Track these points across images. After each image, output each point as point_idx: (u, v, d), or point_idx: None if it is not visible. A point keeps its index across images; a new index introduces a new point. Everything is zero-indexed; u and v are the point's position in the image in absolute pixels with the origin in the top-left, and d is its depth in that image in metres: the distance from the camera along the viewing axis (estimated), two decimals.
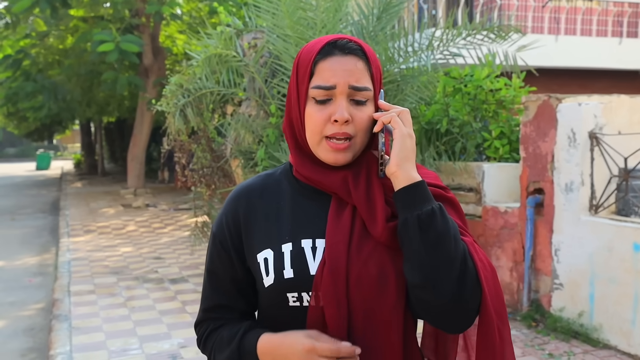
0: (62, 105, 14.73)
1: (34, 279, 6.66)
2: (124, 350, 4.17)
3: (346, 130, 1.05)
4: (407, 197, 1.02)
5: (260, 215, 1.15)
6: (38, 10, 11.59)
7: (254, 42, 5.60)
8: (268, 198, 1.16)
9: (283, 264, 1.08)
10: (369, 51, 1.09)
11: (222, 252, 1.17)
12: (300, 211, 1.12)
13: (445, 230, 1.01)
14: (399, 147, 1.03)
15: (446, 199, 1.13)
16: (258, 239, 1.13)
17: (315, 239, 1.08)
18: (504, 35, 5.43)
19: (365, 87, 1.06)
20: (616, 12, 11.35)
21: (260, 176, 1.21)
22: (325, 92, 1.05)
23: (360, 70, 1.06)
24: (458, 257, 1.00)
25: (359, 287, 1.04)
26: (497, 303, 1.04)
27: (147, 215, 11.00)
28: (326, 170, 1.10)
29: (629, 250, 3.83)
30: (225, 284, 1.18)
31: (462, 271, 1.00)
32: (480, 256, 1.05)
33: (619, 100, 4.33)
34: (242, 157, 5.59)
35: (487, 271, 1.04)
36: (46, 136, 31.23)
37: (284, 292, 1.07)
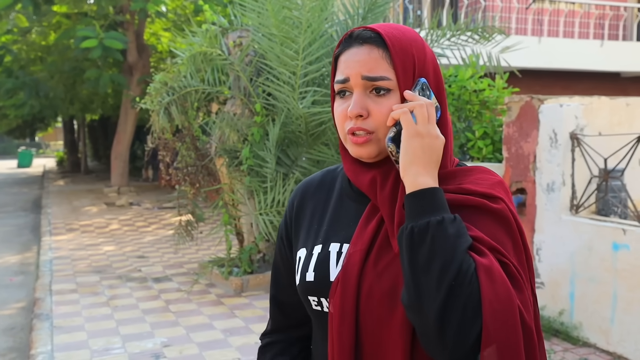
0: (44, 102, 14.57)
1: (15, 278, 6.59)
2: (107, 350, 4.14)
3: (362, 125, 0.98)
4: (409, 206, 0.92)
5: (308, 211, 1.12)
6: (20, 6, 11.46)
7: (239, 40, 5.59)
8: (319, 194, 1.13)
9: (308, 266, 1.05)
10: (391, 37, 0.98)
11: (281, 244, 1.17)
12: (340, 212, 1.07)
13: (439, 249, 0.87)
14: (404, 149, 0.94)
15: (489, 210, 0.96)
16: (301, 236, 1.11)
17: (343, 244, 1.03)
18: (487, 37, 5.49)
19: (381, 76, 0.96)
20: (598, 14, 11.50)
21: (323, 170, 1.17)
22: (342, 85, 1.00)
23: (375, 58, 0.97)
24: (446, 282, 0.86)
25: (369, 300, 0.97)
26: (505, 345, 0.85)
27: (131, 214, 10.93)
28: (358, 168, 1.03)
29: (609, 249, 3.89)
30: (284, 279, 1.18)
31: (451, 300, 0.85)
32: (497, 286, 0.86)
33: (599, 102, 4.39)
34: (226, 155, 5.58)
35: (498, 304, 0.85)
36: (28, 133, 30.92)
37: (306, 294, 1.05)
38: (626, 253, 3.77)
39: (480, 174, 1.02)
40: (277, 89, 5.22)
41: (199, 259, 6.94)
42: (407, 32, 1.00)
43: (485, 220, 0.95)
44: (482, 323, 0.85)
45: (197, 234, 6.74)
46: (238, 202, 5.70)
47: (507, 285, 0.87)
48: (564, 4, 11.30)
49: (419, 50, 0.99)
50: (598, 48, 11.01)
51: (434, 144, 0.94)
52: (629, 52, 11.26)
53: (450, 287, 0.85)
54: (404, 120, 0.94)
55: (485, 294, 0.85)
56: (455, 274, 0.86)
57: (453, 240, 0.88)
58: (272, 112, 5.47)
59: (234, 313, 4.91)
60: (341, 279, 0.98)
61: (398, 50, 0.97)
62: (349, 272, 0.98)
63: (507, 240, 0.94)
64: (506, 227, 0.95)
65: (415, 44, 0.99)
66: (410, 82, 0.98)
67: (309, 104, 5.08)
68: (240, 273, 5.61)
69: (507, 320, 0.86)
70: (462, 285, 0.85)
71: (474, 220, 0.94)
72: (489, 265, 0.88)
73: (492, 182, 1.00)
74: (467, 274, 0.86)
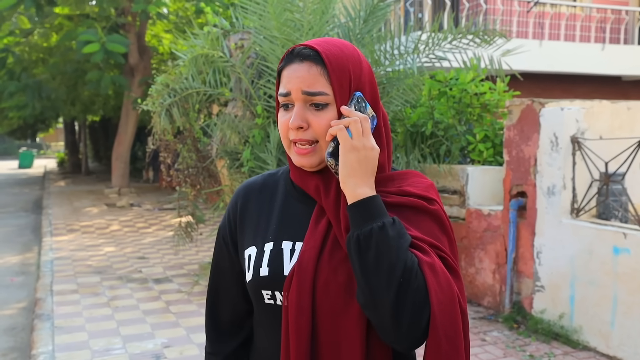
0: (46, 103, 14.58)
1: (15, 278, 6.60)
2: (107, 350, 4.15)
3: (303, 136, 1.06)
4: (351, 215, 1.00)
5: (253, 212, 1.18)
6: (23, 8, 11.48)
7: (240, 42, 5.61)
8: (264, 196, 1.19)
9: (261, 261, 1.11)
10: (328, 55, 1.05)
11: (223, 245, 1.23)
12: (288, 213, 1.14)
13: (385, 251, 0.96)
14: (342, 163, 1.02)
15: (427, 211, 1.08)
16: (247, 235, 1.17)
17: (295, 242, 1.10)
18: (489, 40, 5.49)
19: (319, 91, 1.04)
20: (599, 18, 11.51)
21: (264, 174, 1.25)
22: (284, 98, 1.07)
23: (314, 75, 1.04)
24: (394, 280, 0.95)
25: (325, 293, 1.04)
26: (449, 329, 0.97)
27: (131, 215, 10.94)
28: (304, 174, 1.12)
29: (609, 253, 3.89)
30: (226, 278, 1.24)
31: (402, 295, 0.95)
32: (440, 278, 0.98)
33: (600, 106, 4.40)
34: (227, 157, 5.59)
35: (442, 295, 0.97)
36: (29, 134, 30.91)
37: (259, 289, 1.11)
38: (627, 257, 3.78)
39: (415, 178, 1.13)
40: None
41: (199, 260, 6.95)
42: (345, 48, 1.08)
43: (423, 219, 1.07)
44: (430, 312, 0.96)
45: (197, 236, 6.74)
46: None
47: (447, 277, 0.99)
48: (565, 7, 11.31)
49: (355, 65, 1.07)
50: (599, 51, 11.02)
51: (369, 155, 1.02)
52: (630, 55, 11.27)
53: (399, 283, 0.96)
54: (340, 136, 1.02)
55: (431, 286, 0.97)
56: (401, 272, 0.96)
57: (395, 242, 0.98)
58: (273, 114, 5.48)
59: None
60: (296, 272, 1.04)
61: (335, 67, 1.05)
62: (304, 267, 1.04)
63: (443, 237, 1.07)
64: (441, 225, 1.08)
65: (352, 59, 1.07)
66: (347, 96, 1.06)
67: None
68: None
69: (450, 307, 0.98)
70: (410, 281, 0.96)
71: (413, 220, 1.06)
72: (431, 262, 0.99)
73: (425, 185, 1.12)
74: (412, 270, 0.97)
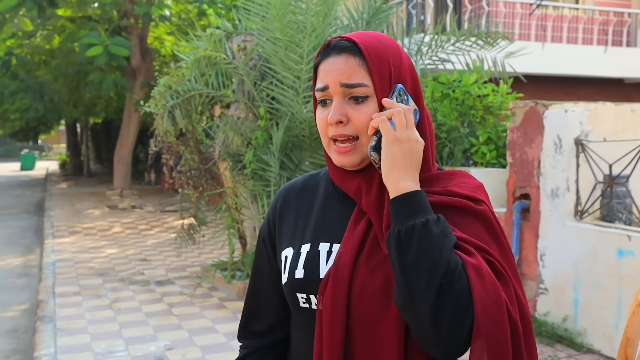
0: (48, 105, 14.60)
1: (18, 280, 6.59)
2: (110, 352, 4.14)
3: (343, 131, 1.01)
4: (393, 210, 0.95)
5: (292, 213, 1.15)
6: (25, 10, 11.49)
7: (243, 44, 5.60)
8: (304, 197, 1.16)
9: (297, 263, 1.07)
10: (367, 46, 1.01)
11: (263, 247, 1.20)
12: (327, 214, 1.11)
13: (427, 249, 0.90)
14: (384, 155, 0.97)
15: (474, 212, 1.00)
16: (285, 237, 1.14)
17: (333, 244, 1.06)
18: (492, 42, 5.49)
19: (358, 83, 0.99)
20: (602, 20, 11.50)
21: (305, 175, 1.21)
22: (322, 93, 1.03)
23: (352, 66, 1.00)
24: (435, 281, 0.89)
25: (361, 297, 0.99)
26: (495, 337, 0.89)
27: (133, 217, 10.94)
28: (344, 174, 1.06)
29: (613, 255, 3.88)
30: (265, 283, 1.20)
31: (442, 297, 0.89)
32: (486, 282, 0.91)
33: (604, 108, 4.38)
34: (230, 159, 5.59)
35: (488, 299, 0.90)
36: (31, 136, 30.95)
37: (294, 291, 1.07)
38: (631, 259, 3.76)
39: (462, 178, 1.06)
40: (281, 93, 5.22)
41: (202, 262, 6.94)
42: (384, 40, 1.04)
43: (469, 221, 1.00)
44: (473, 317, 0.89)
45: (200, 238, 6.74)
46: (241, 206, 5.70)
47: (494, 281, 0.92)
48: (568, 9, 11.30)
49: (395, 57, 1.03)
50: (601, 54, 11.01)
51: (414, 147, 0.98)
52: (632, 58, 11.25)
53: (440, 284, 0.89)
54: (383, 128, 0.97)
55: (475, 290, 0.90)
56: (444, 272, 0.90)
57: (439, 240, 0.91)
58: (276, 116, 5.47)
59: (236, 317, 4.90)
60: (332, 276, 1.00)
61: (374, 58, 1.01)
62: (341, 270, 1.00)
63: (490, 240, 0.99)
64: (489, 228, 1.01)
65: (392, 51, 1.03)
66: (387, 89, 1.01)
67: (313, 108, 5.08)
68: (243, 277, 5.60)
69: (496, 314, 0.90)
70: (452, 282, 0.89)
71: (458, 221, 0.99)
72: (477, 264, 0.92)
73: (473, 186, 1.05)
74: (455, 271, 0.90)
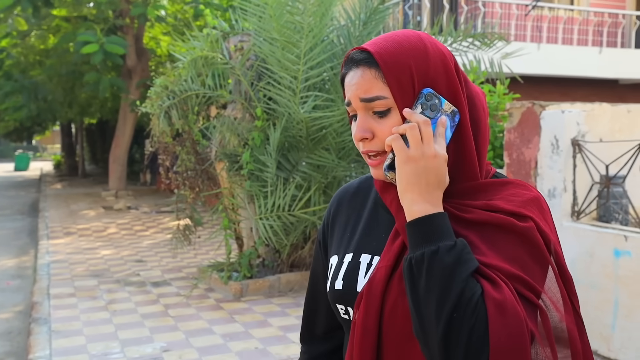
0: (42, 105, 14.55)
1: (11, 282, 6.56)
2: (105, 354, 4.11)
3: (370, 147, 0.97)
4: (408, 236, 0.91)
5: (343, 218, 1.12)
6: (20, 9, 11.45)
7: (240, 44, 5.59)
8: (355, 202, 1.12)
9: (338, 274, 1.04)
10: (382, 54, 0.94)
11: (319, 249, 1.17)
12: (373, 223, 1.06)
13: (436, 280, 0.84)
14: (398, 177, 0.91)
15: (514, 231, 0.91)
16: (334, 243, 1.11)
17: (374, 256, 1.02)
18: (488, 43, 5.49)
19: (376, 96, 0.94)
20: (596, 21, 11.54)
21: (361, 178, 1.16)
22: (349, 108, 0.99)
23: (369, 79, 0.94)
24: (444, 314, 0.83)
25: (393, 316, 0.94)
26: None
27: (129, 218, 10.90)
28: (384, 185, 1.01)
29: (610, 256, 3.88)
30: (320, 285, 1.17)
31: (453, 332, 0.83)
32: (509, 320, 0.82)
33: (600, 108, 4.39)
34: (227, 160, 5.57)
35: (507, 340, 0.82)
36: (25, 137, 30.88)
37: (335, 302, 1.05)
38: (628, 260, 3.76)
39: (515, 189, 0.96)
40: (278, 94, 5.21)
41: (198, 263, 6.92)
42: (406, 41, 0.95)
43: (509, 241, 0.90)
44: (488, 357, 0.81)
45: (195, 239, 6.72)
46: (238, 207, 5.69)
47: (519, 319, 0.83)
48: (563, 10, 11.34)
49: (419, 59, 0.94)
50: (596, 55, 11.05)
51: (430, 165, 0.90)
52: (627, 59, 11.30)
53: (451, 318, 0.83)
54: (395, 147, 0.91)
55: (493, 328, 0.81)
56: (454, 305, 0.83)
57: (451, 269, 0.84)
58: (273, 117, 5.46)
59: (233, 318, 4.88)
60: (366, 292, 0.96)
61: (391, 66, 0.93)
62: (374, 287, 0.96)
63: (532, 263, 0.90)
64: (532, 248, 0.90)
65: (414, 53, 0.94)
66: (411, 97, 0.94)
67: (310, 108, 5.08)
68: (239, 278, 5.59)
69: (517, 357, 0.82)
70: (465, 316, 0.82)
71: (496, 241, 0.91)
72: (501, 299, 0.83)
73: (525, 199, 0.94)
74: (469, 304, 0.83)
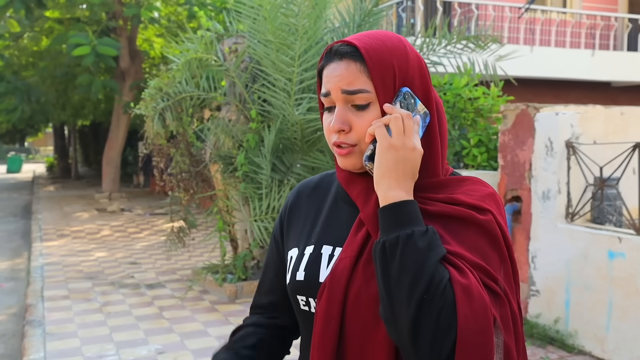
0: (35, 107, 14.48)
1: (5, 284, 6.52)
2: (100, 357, 4.10)
3: (345, 139, 0.99)
4: (381, 220, 0.93)
5: (302, 212, 1.14)
6: (12, 11, 11.40)
7: (234, 46, 5.59)
8: (315, 197, 1.14)
9: (299, 265, 1.06)
10: (368, 50, 0.97)
11: (273, 243, 1.20)
12: (334, 216, 1.08)
13: (410, 262, 0.87)
14: (377, 162, 0.94)
15: (475, 222, 0.95)
16: (292, 237, 1.13)
17: (336, 247, 1.04)
18: (482, 45, 5.51)
19: (359, 89, 0.96)
20: (589, 24, 11.61)
21: (322, 174, 1.19)
22: (325, 99, 1.01)
23: (353, 72, 0.96)
24: (416, 296, 0.86)
25: (356, 305, 0.96)
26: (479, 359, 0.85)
27: (122, 220, 10.86)
28: (349, 177, 1.04)
29: (604, 257, 3.90)
30: (270, 277, 1.20)
31: (423, 313, 0.85)
32: (475, 304, 0.86)
33: (594, 111, 4.42)
34: (221, 162, 5.56)
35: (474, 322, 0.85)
36: (18, 139, 30.73)
37: (295, 293, 1.06)
38: (622, 261, 3.79)
39: (472, 185, 1.01)
40: (273, 96, 5.21)
41: (192, 265, 6.90)
42: (388, 40, 0.99)
43: (470, 232, 0.94)
44: (455, 338, 0.84)
45: (190, 241, 6.70)
46: (232, 209, 5.68)
47: (485, 303, 0.87)
48: (556, 13, 11.40)
49: (401, 58, 0.98)
50: (589, 57, 11.11)
51: (409, 156, 0.93)
52: (619, 61, 11.37)
53: (422, 300, 0.85)
54: (378, 134, 0.94)
55: (460, 311, 0.85)
56: (425, 287, 0.86)
57: (424, 253, 0.87)
58: (268, 119, 5.46)
59: (228, 320, 4.87)
60: (329, 282, 0.98)
61: (376, 62, 0.96)
62: (337, 277, 0.98)
63: (492, 253, 0.94)
64: (492, 240, 0.95)
65: (397, 53, 0.98)
66: (391, 93, 0.97)
67: (305, 110, 5.08)
68: (234, 280, 5.58)
69: (482, 338, 0.85)
70: (434, 298, 0.85)
71: (459, 232, 0.94)
72: (467, 283, 0.87)
73: (483, 194, 0.99)
74: (438, 286, 0.86)
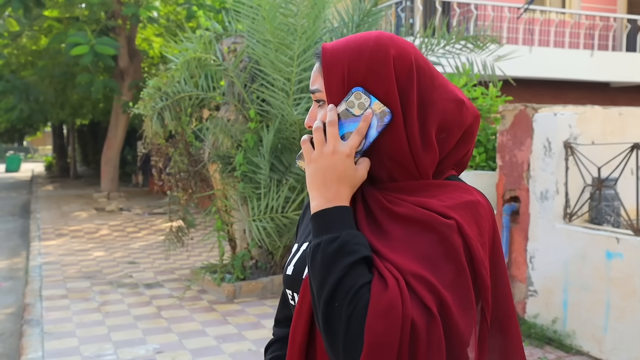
0: (34, 106, 14.47)
1: (3, 283, 6.52)
2: (98, 356, 4.10)
3: None
4: (312, 226, 0.96)
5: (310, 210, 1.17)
6: (11, 10, 11.39)
7: (233, 46, 5.59)
8: None
9: (292, 260, 1.09)
10: (326, 50, 0.99)
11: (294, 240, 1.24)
12: None
13: (316, 270, 0.89)
14: (307, 176, 0.98)
15: (433, 229, 0.91)
16: (299, 234, 1.17)
17: None
18: (481, 45, 5.52)
19: (315, 88, 1.01)
20: (588, 25, 11.62)
21: None
22: None
23: (315, 72, 1.02)
24: (321, 301, 0.87)
25: None
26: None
27: (121, 219, 10.86)
28: None
29: (602, 258, 3.91)
30: None
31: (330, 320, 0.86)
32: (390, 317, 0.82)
33: (592, 111, 4.42)
34: (220, 161, 5.56)
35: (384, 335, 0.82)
36: (16, 138, 30.71)
37: (285, 287, 1.10)
38: (619, 261, 3.79)
39: (454, 192, 0.97)
40: (272, 95, 5.21)
41: (190, 265, 6.90)
42: (355, 41, 0.98)
43: (424, 237, 0.91)
44: (362, 349, 0.82)
45: (188, 240, 6.70)
46: (231, 208, 5.68)
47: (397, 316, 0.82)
48: (555, 14, 11.40)
49: (357, 58, 0.96)
50: (588, 58, 11.12)
51: (327, 162, 0.94)
52: (618, 62, 11.38)
53: (326, 304, 0.86)
54: (303, 149, 0.98)
55: (370, 320, 0.82)
56: (330, 292, 0.86)
57: (330, 260, 0.88)
58: (267, 119, 5.46)
59: (226, 320, 4.88)
60: (305, 276, 0.99)
61: (327, 62, 0.98)
62: None
63: (443, 261, 0.89)
64: (447, 249, 0.90)
65: (355, 52, 0.96)
66: (340, 92, 0.97)
67: (303, 110, 5.09)
68: (232, 279, 5.58)
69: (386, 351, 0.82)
70: (342, 305, 0.85)
71: (415, 237, 0.91)
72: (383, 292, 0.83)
73: (459, 202, 0.95)
74: (348, 292, 0.85)
